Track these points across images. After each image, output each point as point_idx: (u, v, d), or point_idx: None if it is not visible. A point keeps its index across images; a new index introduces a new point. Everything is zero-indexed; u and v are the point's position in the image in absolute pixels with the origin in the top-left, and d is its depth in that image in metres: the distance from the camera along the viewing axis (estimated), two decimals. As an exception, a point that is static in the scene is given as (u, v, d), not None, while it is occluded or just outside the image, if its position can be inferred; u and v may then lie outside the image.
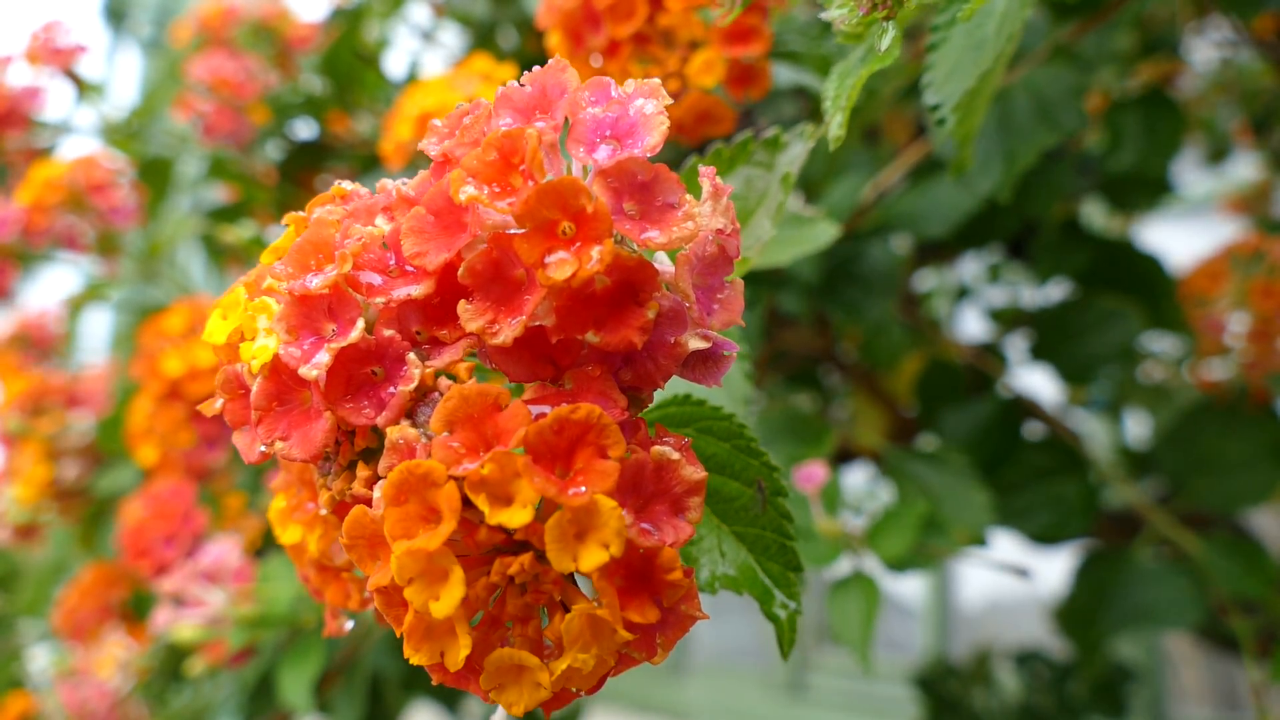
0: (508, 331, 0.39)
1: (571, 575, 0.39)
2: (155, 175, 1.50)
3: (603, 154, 0.40)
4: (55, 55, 1.39)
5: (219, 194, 1.66)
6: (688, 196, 0.40)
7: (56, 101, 1.45)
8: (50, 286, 1.81)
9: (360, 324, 0.40)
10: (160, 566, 1.20)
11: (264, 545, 1.29)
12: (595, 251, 0.38)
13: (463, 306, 0.40)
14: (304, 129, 1.54)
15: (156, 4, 2.25)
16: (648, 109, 0.41)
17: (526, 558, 0.38)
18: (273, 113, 1.47)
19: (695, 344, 0.42)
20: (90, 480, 1.49)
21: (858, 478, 1.53)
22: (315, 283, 0.40)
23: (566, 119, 0.42)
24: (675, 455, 0.40)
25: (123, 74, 3.07)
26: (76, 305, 1.52)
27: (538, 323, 0.40)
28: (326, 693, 1.34)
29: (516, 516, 0.36)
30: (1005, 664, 1.62)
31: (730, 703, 2.97)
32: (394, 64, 1.58)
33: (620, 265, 0.39)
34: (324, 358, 0.39)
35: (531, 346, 0.41)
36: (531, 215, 0.38)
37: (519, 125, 0.40)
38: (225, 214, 1.52)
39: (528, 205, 0.38)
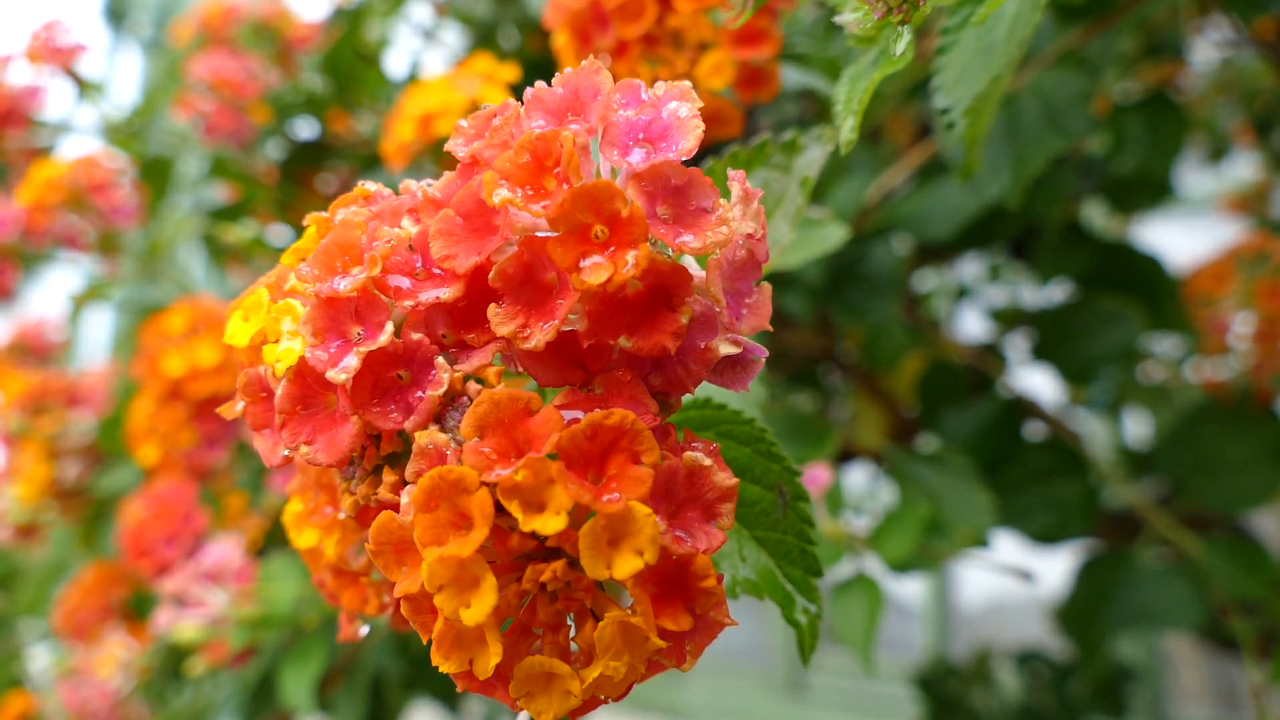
0: (540, 336, 0.38)
1: (602, 583, 0.39)
2: (156, 175, 1.50)
3: (637, 157, 0.40)
4: (55, 54, 1.37)
5: (220, 193, 1.65)
6: (721, 200, 0.40)
7: (57, 101, 1.44)
8: (52, 287, 1.80)
9: (389, 327, 0.40)
10: (161, 566, 1.19)
11: (265, 545, 1.29)
12: (630, 256, 0.37)
13: (493, 310, 0.39)
14: (305, 128, 1.53)
15: (157, 4, 2.23)
16: (682, 112, 0.40)
17: (559, 565, 0.37)
18: (273, 112, 1.46)
19: (726, 349, 0.41)
20: (91, 480, 1.48)
21: (858, 477, 1.52)
22: (344, 285, 0.40)
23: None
24: (707, 461, 0.40)
25: (123, 73, 3.05)
26: (78, 305, 1.51)
27: (569, 327, 0.39)
28: (328, 692, 1.33)
29: (551, 523, 0.36)
30: (1005, 664, 1.62)
31: (730, 703, 2.96)
32: (395, 63, 1.57)
33: (654, 270, 0.39)
34: (352, 361, 0.39)
35: (562, 351, 0.40)
36: (566, 219, 0.38)
37: (551, 127, 0.40)
38: (226, 213, 1.51)
39: (562, 209, 0.38)
